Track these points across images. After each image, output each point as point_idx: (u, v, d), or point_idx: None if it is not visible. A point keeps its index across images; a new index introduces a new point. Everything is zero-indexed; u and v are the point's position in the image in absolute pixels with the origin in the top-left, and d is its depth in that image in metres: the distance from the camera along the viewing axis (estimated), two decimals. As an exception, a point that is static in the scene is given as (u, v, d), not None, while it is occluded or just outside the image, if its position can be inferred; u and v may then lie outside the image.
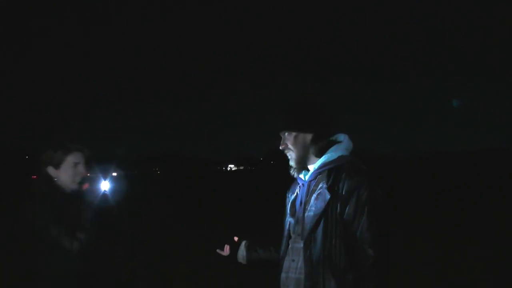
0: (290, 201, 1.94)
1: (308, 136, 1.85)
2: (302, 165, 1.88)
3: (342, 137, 1.89)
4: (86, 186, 2.20)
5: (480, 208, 12.29)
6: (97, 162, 2.34)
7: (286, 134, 1.88)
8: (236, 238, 2.16)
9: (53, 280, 2.04)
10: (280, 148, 1.91)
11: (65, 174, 2.19)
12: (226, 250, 2.14)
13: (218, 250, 2.17)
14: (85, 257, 2.06)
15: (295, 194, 1.93)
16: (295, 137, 1.86)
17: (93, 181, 2.22)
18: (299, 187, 1.91)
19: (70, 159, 2.20)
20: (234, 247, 2.13)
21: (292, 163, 1.89)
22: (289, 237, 1.88)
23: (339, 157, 1.81)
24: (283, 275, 1.84)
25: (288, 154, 1.90)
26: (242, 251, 2.11)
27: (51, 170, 2.18)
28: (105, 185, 2.24)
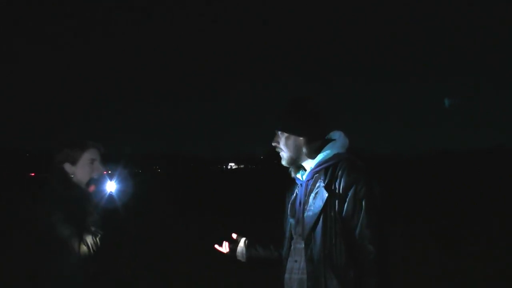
0: (290, 201, 1.95)
1: (300, 139, 1.85)
2: (294, 165, 1.89)
3: (337, 134, 1.89)
4: (92, 188, 2.17)
5: (480, 208, 12.28)
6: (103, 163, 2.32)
7: (279, 132, 1.89)
8: (235, 236, 2.16)
9: (60, 280, 2.03)
10: (272, 144, 1.92)
11: (82, 170, 2.18)
12: (225, 247, 2.15)
13: (216, 246, 2.17)
14: (91, 258, 2.06)
15: (294, 194, 1.94)
16: (287, 138, 1.87)
17: (99, 183, 2.18)
18: (298, 187, 1.91)
19: (87, 156, 2.20)
20: (233, 245, 2.14)
21: (283, 162, 1.90)
22: (291, 238, 1.88)
23: (335, 155, 1.81)
24: (286, 275, 1.85)
25: (280, 153, 1.90)
26: (241, 249, 2.11)
27: (67, 166, 2.18)
28: (111, 186, 2.19)
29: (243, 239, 2.14)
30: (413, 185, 22.57)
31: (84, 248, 2.03)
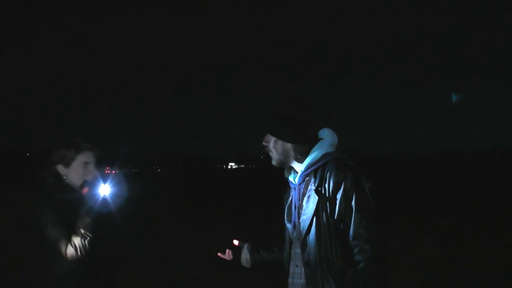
0: (286, 206, 1.93)
1: (288, 144, 1.83)
2: (283, 167, 1.89)
3: (326, 132, 1.86)
4: (85, 190, 2.13)
5: (483, 207, 12.26)
6: (98, 164, 2.28)
7: (269, 133, 1.88)
8: (236, 242, 2.15)
9: (52, 282, 2.02)
10: (263, 143, 1.90)
11: (75, 173, 2.15)
12: (229, 254, 2.14)
13: (219, 254, 2.16)
14: (83, 261, 2.04)
15: (290, 198, 1.92)
16: (275, 142, 1.85)
17: (93, 185, 2.12)
18: (292, 191, 1.90)
19: (81, 158, 2.16)
20: (236, 251, 2.12)
21: (273, 163, 1.89)
22: (290, 242, 1.88)
23: (323, 155, 1.78)
24: (289, 280, 1.85)
25: (269, 154, 1.89)
26: (245, 255, 2.09)
27: (60, 168, 2.15)
28: (105, 190, 2.12)
29: (246, 245, 2.12)
30: (415, 185, 22.56)
31: (71, 250, 2.00)
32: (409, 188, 20.17)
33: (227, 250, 2.13)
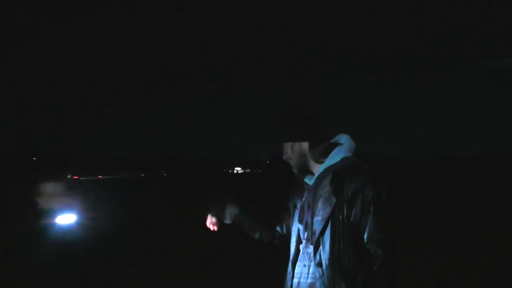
0: (299, 207, 1.94)
1: (304, 144, 1.86)
2: (304, 172, 1.90)
3: (344, 138, 1.89)
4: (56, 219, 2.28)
5: (485, 210, 12.21)
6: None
7: (285, 144, 1.91)
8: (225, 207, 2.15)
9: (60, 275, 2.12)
10: (283, 158, 1.93)
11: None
12: (216, 210, 2.13)
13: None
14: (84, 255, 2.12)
15: (302, 199, 1.93)
16: (292, 146, 1.88)
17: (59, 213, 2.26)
18: (306, 192, 1.91)
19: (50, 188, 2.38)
20: (221, 209, 2.13)
21: (294, 170, 1.91)
22: (300, 242, 1.88)
23: (342, 159, 1.81)
24: (295, 280, 1.85)
25: (290, 163, 1.92)
26: (228, 211, 2.10)
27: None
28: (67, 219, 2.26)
29: (237, 205, 2.12)
30: (414, 185, 22.47)
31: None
32: (409, 188, 20.09)
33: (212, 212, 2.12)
